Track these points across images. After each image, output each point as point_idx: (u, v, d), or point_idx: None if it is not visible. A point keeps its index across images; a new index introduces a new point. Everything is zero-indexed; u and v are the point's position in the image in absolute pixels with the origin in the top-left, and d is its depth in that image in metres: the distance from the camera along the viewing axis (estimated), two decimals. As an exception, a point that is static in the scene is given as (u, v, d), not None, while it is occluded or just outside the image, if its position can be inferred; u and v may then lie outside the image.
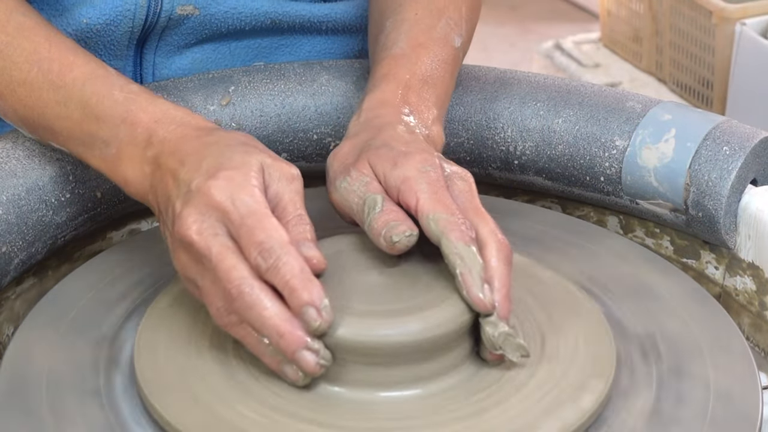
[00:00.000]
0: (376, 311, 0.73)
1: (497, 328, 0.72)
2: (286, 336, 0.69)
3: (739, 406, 0.75)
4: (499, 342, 0.72)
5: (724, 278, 0.93)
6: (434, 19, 0.89)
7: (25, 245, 0.86)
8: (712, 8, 2.26)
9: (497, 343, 0.72)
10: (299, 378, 0.71)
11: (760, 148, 0.90)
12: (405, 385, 0.73)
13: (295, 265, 0.70)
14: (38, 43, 0.85)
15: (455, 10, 0.91)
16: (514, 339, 0.73)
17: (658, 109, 0.93)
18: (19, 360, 0.78)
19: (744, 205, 0.89)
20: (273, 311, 0.70)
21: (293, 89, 1.02)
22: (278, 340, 0.69)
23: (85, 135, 0.82)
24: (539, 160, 0.97)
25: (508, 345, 0.72)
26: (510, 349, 0.73)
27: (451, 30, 0.90)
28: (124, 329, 0.81)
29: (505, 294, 0.73)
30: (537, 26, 3.36)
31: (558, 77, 1.01)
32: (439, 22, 0.89)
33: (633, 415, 0.74)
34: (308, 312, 0.69)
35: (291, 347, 0.69)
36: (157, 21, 0.99)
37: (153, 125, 0.80)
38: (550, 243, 0.92)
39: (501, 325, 0.72)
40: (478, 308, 0.72)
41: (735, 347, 0.80)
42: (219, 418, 0.71)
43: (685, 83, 2.42)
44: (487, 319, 0.72)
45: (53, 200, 0.89)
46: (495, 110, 0.99)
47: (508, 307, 0.73)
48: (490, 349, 0.73)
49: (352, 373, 0.73)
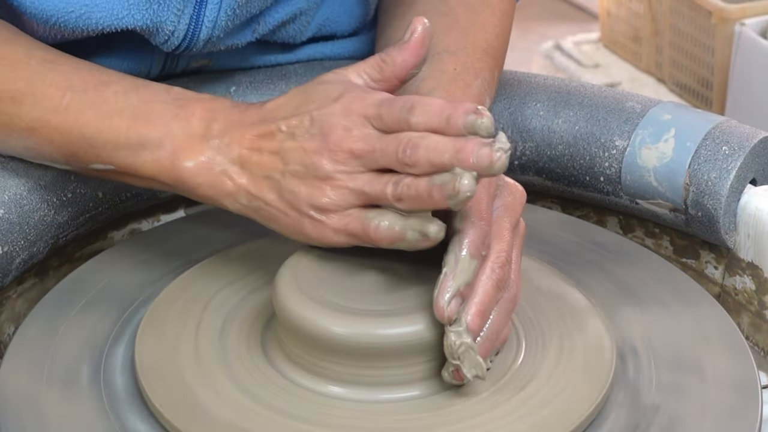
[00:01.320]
0: (376, 311, 0.73)
1: (461, 337, 0.71)
2: (461, 147, 0.70)
3: (739, 405, 0.75)
4: (459, 352, 0.71)
5: (723, 278, 0.93)
6: (471, 78, 0.91)
7: (27, 245, 0.86)
8: (711, 8, 2.26)
9: (456, 353, 0.71)
10: (470, 186, 0.69)
11: (759, 147, 0.90)
12: (405, 385, 0.73)
13: (434, 104, 0.73)
14: (66, 71, 0.84)
15: (489, 72, 0.93)
16: (474, 355, 0.71)
17: (657, 109, 0.93)
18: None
19: (743, 205, 0.90)
20: (443, 139, 0.71)
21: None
22: (457, 154, 0.70)
23: (133, 142, 0.81)
24: (539, 160, 0.98)
25: (467, 358, 0.71)
26: (468, 363, 0.71)
27: (485, 90, 0.92)
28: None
29: (479, 311, 0.72)
30: (537, 26, 3.36)
31: (557, 78, 1.02)
32: (475, 81, 0.91)
33: (633, 415, 0.74)
34: (469, 117, 0.71)
35: (467, 152, 0.70)
36: (171, 73, 1.01)
37: (208, 114, 0.80)
38: (550, 243, 0.92)
39: (465, 336, 0.71)
40: (436, 313, 0.71)
41: (734, 347, 0.80)
42: (215, 417, 0.72)
43: (685, 83, 2.42)
44: (454, 328, 0.71)
45: (55, 200, 0.89)
46: (495, 111, 0.99)
47: (479, 324, 0.72)
48: (449, 357, 0.72)
49: (352, 373, 0.73)
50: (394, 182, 0.73)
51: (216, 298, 0.82)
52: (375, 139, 0.74)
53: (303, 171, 0.75)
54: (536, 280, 0.83)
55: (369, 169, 0.74)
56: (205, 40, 0.94)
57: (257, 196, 0.77)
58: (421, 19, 0.78)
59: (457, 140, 0.71)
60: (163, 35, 0.92)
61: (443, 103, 0.73)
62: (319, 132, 0.75)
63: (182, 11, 0.91)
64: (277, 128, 0.77)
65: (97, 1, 0.89)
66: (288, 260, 0.77)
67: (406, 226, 0.72)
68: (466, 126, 0.71)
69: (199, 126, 0.80)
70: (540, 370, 0.75)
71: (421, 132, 0.72)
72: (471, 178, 0.69)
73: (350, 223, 0.74)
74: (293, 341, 0.75)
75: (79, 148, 0.83)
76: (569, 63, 2.58)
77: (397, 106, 0.74)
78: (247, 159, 0.77)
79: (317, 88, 0.78)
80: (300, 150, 0.75)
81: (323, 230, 0.75)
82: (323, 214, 0.75)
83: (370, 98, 0.75)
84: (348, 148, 0.74)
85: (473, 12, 0.96)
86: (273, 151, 0.77)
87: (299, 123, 0.76)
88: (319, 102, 0.76)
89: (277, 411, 0.72)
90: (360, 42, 1.10)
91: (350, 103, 0.75)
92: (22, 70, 0.84)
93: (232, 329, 0.79)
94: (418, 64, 0.78)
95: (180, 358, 0.76)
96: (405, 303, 0.74)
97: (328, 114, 0.75)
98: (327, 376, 0.73)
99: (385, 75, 0.79)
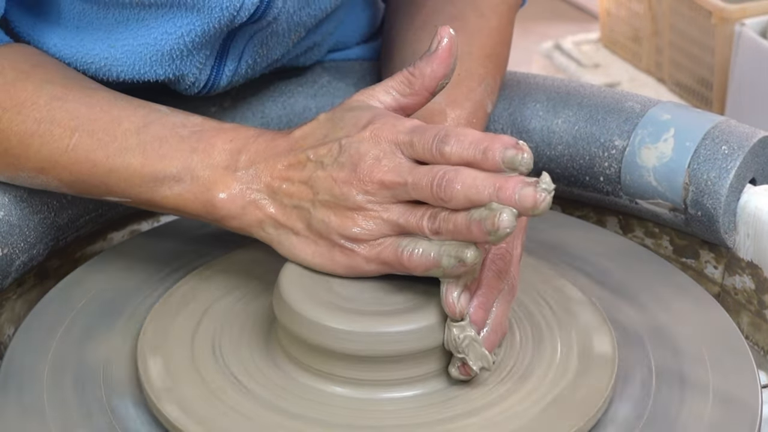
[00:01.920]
0: (380, 311, 0.73)
1: (464, 331, 0.71)
2: (501, 185, 0.69)
3: (739, 405, 0.75)
4: (462, 345, 0.71)
5: (723, 277, 0.93)
6: (474, 83, 0.90)
7: (27, 247, 0.86)
8: (711, 8, 2.26)
9: (460, 347, 0.71)
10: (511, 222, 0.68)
11: (758, 147, 0.90)
12: (405, 385, 0.73)
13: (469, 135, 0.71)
14: (75, 109, 0.82)
15: (492, 78, 0.93)
16: (479, 347, 0.71)
17: (657, 109, 0.93)
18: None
19: (743, 204, 0.90)
20: (480, 175, 0.70)
21: (294, 90, 1.03)
22: (497, 193, 0.68)
23: (149, 179, 0.80)
24: (539, 160, 0.98)
25: (472, 351, 0.71)
26: (473, 356, 0.71)
27: (487, 96, 0.91)
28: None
29: (482, 303, 0.72)
30: (537, 26, 3.36)
31: (557, 78, 1.02)
32: (478, 86, 0.90)
33: (633, 415, 0.74)
34: (508, 152, 0.70)
35: (508, 191, 0.68)
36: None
37: (231, 145, 0.79)
38: (550, 243, 0.92)
39: (468, 329, 0.71)
40: (447, 309, 0.71)
41: (734, 346, 0.80)
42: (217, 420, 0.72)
43: (685, 83, 2.42)
44: (456, 323, 0.72)
45: (55, 202, 0.89)
46: (495, 111, 0.99)
47: (482, 316, 0.72)
48: (453, 351, 0.72)
49: (354, 376, 0.73)
50: (430, 216, 0.71)
51: (218, 303, 0.81)
52: (406, 170, 0.72)
53: (333, 201, 0.74)
54: (535, 277, 0.83)
55: (400, 200, 0.73)
56: (225, 86, 0.94)
57: (285, 225, 0.76)
58: (447, 28, 0.76)
59: (496, 177, 0.69)
60: (183, 85, 0.92)
61: (480, 134, 0.71)
62: (349, 161, 0.73)
63: (204, 64, 0.91)
64: (306, 158, 0.76)
65: (118, 56, 0.88)
66: (288, 264, 0.77)
67: (441, 253, 0.71)
68: (505, 161, 0.70)
69: (222, 158, 0.79)
70: (539, 365, 0.75)
71: (454, 164, 0.71)
72: (511, 214, 0.67)
73: (383, 252, 0.73)
74: (294, 345, 0.75)
75: (91, 185, 0.83)
76: (569, 63, 2.57)
77: (430, 134, 0.72)
78: (277, 189, 0.77)
79: (346, 114, 0.76)
80: (329, 179, 0.74)
81: (355, 259, 0.74)
82: (355, 243, 0.74)
83: (400, 125, 0.74)
84: (378, 180, 0.72)
85: (482, 17, 0.95)
86: (302, 180, 0.76)
87: (328, 152, 0.75)
88: (348, 129, 0.75)
89: (278, 411, 0.72)
90: (368, 49, 1.10)
91: (380, 131, 0.73)
92: (30, 111, 0.82)
93: (233, 331, 0.79)
94: (448, 74, 0.77)
95: (180, 359, 0.76)
96: (406, 305, 0.74)
97: (358, 142, 0.74)
98: (328, 378, 0.73)
99: (415, 88, 0.77)
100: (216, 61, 0.92)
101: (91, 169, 0.81)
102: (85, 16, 0.88)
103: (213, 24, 0.85)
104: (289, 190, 0.76)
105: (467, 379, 0.73)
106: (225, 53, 0.92)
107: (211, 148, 0.79)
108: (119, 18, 0.86)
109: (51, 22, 0.90)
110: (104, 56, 0.88)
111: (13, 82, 0.84)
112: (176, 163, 0.79)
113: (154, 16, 0.86)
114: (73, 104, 0.83)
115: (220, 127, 0.81)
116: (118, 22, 0.87)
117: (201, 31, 0.86)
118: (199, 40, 0.87)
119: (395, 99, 0.78)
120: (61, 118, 0.82)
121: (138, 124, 0.81)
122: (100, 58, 0.88)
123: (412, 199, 0.72)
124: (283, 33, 0.93)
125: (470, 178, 0.69)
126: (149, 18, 0.86)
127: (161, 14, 0.85)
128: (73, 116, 0.82)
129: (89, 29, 0.88)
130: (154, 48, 0.87)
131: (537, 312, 0.80)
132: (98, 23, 0.88)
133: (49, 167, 0.82)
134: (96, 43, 0.88)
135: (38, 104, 0.83)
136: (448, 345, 0.72)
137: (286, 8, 0.88)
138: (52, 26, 0.90)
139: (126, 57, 0.88)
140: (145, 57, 0.88)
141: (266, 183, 0.77)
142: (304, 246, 0.76)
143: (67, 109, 0.82)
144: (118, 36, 0.87)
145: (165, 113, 0.83)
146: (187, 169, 0.79)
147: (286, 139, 0.78)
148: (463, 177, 0.69)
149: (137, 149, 0.80)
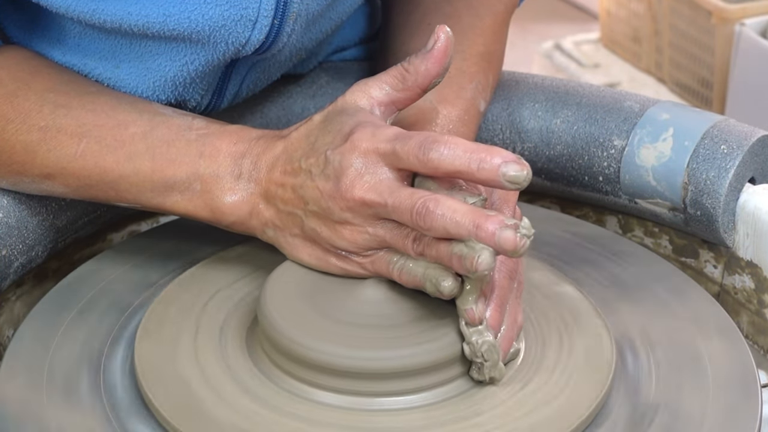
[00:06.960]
0: (373, 327, 0.73)
1: (482, 336, 0.72)
2: (480, 224, 0.68)
3: (739, 404, 0.75)
4: (482, 350, 0.71)
5: (722, 277, 0.93)
6: (465, 81, 0.90)
7: (25, 249, 0.86)
8: (711, 8, 2.26)
9: (479, 351, 0.71)
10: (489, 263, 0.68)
11: (757, 146, 0.90)
12: (405, 394, 0.73)
13: (460, 144, 0.70)
14: (80, 116, 0.82)
15: (484, 76, 0.92)
16: (497, 356, 0.72)
17: (656, 109, 0.93)
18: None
19: (742, 204, 0.90)
20: (461, 208, 0.69)
21: (293, 91, 1.03)
22: (476, 231, 0.68)
23: (159, 184, 0.80)
24: (538, 160, 0.98)
25: (491, 357, 0.72)
26: (491, 362, 0.72)
27: (479, 94, 0.91)
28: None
29: (498, 305, 0.73)
30: (536, 26, 3.36)
31: (556, 78, 1.02)
32: (469, 84, 0.90)
33: (633, 414, 0.74)
34: (510, 169, 0.69)
35: (489, 231, 0.68)
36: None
37: (234, 149, 0.80)
38: (549, 243, 0.92)
39: (486, 334, 0.72)
40: (466, 317, 0.71)
41: (734, 346, 0.80)
42: (214, 416, 0.72)
43: (685, 83, 2.42)
44: (473, 327, 0.72)
45: (54, 204, 0.89)
46: (494, 112, 0.99)
47: (498, 319, 0.73)
48: (471, 357, 0.72)
49: (351, 386, 0.73)
50: (414, 238, 0.72)
51: (215, 300, 0.82)
52: (387, 191, 0.72)
53: (321, 212, 0.75)
54: (535, 278, 0.83)
55: (383, 218, 0.73)
56: (225, 108, 0.96)
57: (283, 228, 0.78)
58: (444, 27, 0.76)
59: (476, 213, 0.69)
60: (185, 108, 0.92)
61: (473, 144, 0.71)
62: (333, 174, 0.74)
63: (206, 91, 0.91)
64: (299, 165, 0.76)
65: (123, 77, 0.88)
66: (275, 271, 0.78)
67: (426, 276, 0.72)
68: (508, 177, 0.69)
69: (227, 164, 0.79)
70: (541, 367, 0.75)
71: (443, 172, 0.70)
72: (489, 256, 0.68)
73: (376, 262, 0.75)
74: (282, 360, 0.75)
75: (100, 190, 0.83)
76: (569, 63, 2.58)
77: (414, 141, 0.72)
78: (273, 194, 0.78)
79: (335, 119, 0.77)
80: (317, 191, 0.75)
81: (350, 264, 0.76)
82: (347, 252, 0.76)
83: (380, 134, 0.73)
84: (359, 198, 0.73)
85: (476, 16, 0.96)
86: (294, 188, 0.76)
87: (316, 162, 0.75)
88: (333, 136, 0.75)
89: (278, 411, 0.72)
90: (367, 50, 1.10)
91: (359, 141, 0.73)
92: (35, 120, 0.82)
93: (231, 330, 0.79)
94: (441, 73, 0.77)
95: (180, 360, 0.76)
96: (401, 320, 0.74)
97: (340, 154, 0.74)
98: (324, 386, 0.73)
99: (408, 84, 0.77)
100: (218, 87, 0.92)
101: (100, 175, 0.82)
102: (86, 37, 0.87)
103: (217, 56, 0.85)
104: (284, 197, 0.77)
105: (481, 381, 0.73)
106: (227, 79, 0.92)
107: (217, 153, 0.80)
108: (123, 42, 0.86)
109: (51, 38, 0.89)
110: (108, 75, 0.88)
111: (14, 92, 0.83)
112: (185, 168, 0.80)
113: (158, 44, 0.85)
114: (77, 111, 0.83)
115: (224, 129, 0.81)
116: (121, 45, 0.87)
117: (205, 61, 0.86)
118: (203, 70, 0.87)
119: (388, 94, 0.78)
120: (68, 125, 0.82)
121: (144, 128, 0.82)
122: (104, 78, 0.88)
123: (393, 219, 0.73)
124: (285, 59, 0.94)
125: (450, 210, 0.69)
126: (153, 46, 0.86)
127: (165, 43, 0.85)
128: (79, 123, 0.82)
129: (91, 48, 0.88)
130: (158, 74, 0.87)
131: (536, 312, 0.80)
132: (101, 44, 0.87)
133: (56, 173, 0.83)
134: (100, 62, 0.88)
135: (43, 113, 0.82)
136: (466, 349, 0.72)
137: (291, 40, 0.88)
138: (53, 42, 0.89)
139: (130, 78, 0.88)
140: (148, 81, 0.88)
141: (265, 188, 0.78)
142: (301, 248, 0.78)
143: (72, 116, 0.82)
144: (123, 58, 0.87)
145: (169, 115, 0.83)
146: (195, 174, 0.80)
147: (283, 141, 0.79)
148: (443, 209, 0.69)
149: (146, 154, 0.81)
